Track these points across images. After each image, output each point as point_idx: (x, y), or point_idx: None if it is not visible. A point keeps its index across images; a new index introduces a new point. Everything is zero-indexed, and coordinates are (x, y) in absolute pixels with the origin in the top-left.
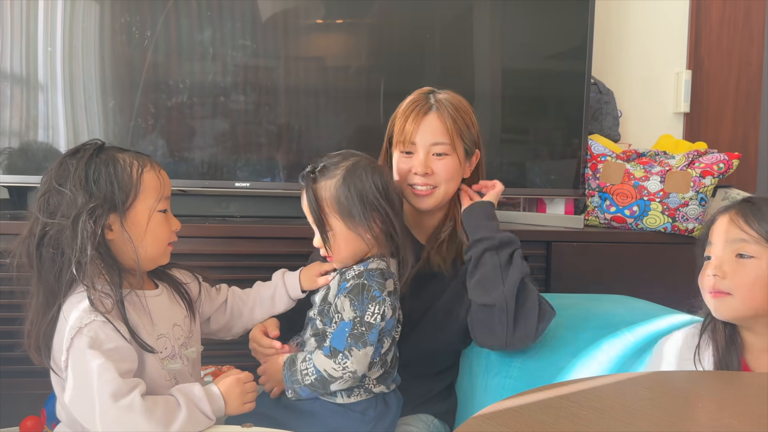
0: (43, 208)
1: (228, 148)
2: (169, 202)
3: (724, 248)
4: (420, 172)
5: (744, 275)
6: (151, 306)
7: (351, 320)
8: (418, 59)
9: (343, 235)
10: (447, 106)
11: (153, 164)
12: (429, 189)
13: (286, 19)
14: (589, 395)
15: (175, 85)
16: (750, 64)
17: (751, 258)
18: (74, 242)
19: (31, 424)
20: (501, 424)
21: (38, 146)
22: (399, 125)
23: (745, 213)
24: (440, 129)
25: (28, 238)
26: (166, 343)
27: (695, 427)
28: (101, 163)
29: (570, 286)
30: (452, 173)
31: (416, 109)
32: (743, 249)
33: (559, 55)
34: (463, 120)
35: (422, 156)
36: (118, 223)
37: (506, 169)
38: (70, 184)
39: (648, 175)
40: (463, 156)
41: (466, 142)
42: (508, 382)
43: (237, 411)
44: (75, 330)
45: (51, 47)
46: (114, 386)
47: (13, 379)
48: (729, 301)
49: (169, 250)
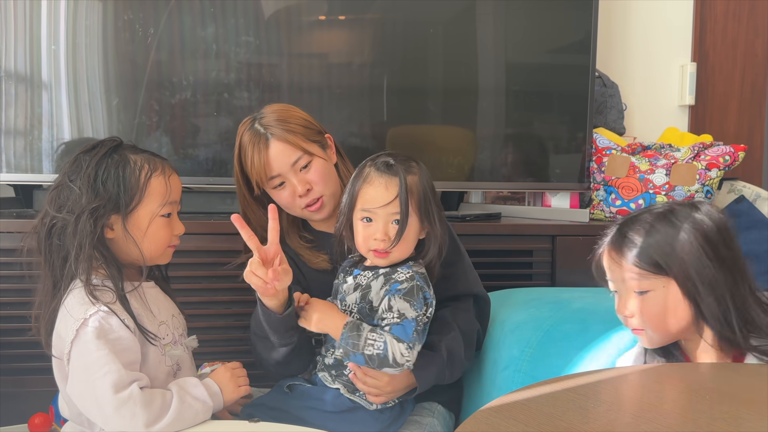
0: (54, 201)
1: (232, 144)
2: (175, 206)
3: (620, 288)
4: (302, 193)
5: (648, 311)
6: (149, 296)
7: (414, 318)
8: (421, 55)
9: (414, 231)
10: (276, 125)
11: (165, 169)
12: (318, 201)
13: (289, 16)
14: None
15: (179, 82)
16: (755, 56)
17: (647, 293)
18: (74, 239)
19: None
20: (509, 417)
21: (43, 145)
22: (250, 166)
23: (621, 251)
24: (287, 149)
25: (39, 227)
26: (166, 330)
27: (704, 419)
28: (112, 164)
29: (575, 279)
30: (327, 174)
31: (256, 145)
32: (637, 287)
33: (563, 48)
34: (297, 124)
35: (293, 179)
36: (119, 224)
37: (511, 164)
38: (80, 182)
39: (653, 168)
40: (321, 151)
41: (314, 139)
42: (518, 376)
43: (234, 393)
44: (80, 321)
45: (55, 45)
46: (116, 377)
47: (22, 377)
48: (647, 335)
49: (169, 251)
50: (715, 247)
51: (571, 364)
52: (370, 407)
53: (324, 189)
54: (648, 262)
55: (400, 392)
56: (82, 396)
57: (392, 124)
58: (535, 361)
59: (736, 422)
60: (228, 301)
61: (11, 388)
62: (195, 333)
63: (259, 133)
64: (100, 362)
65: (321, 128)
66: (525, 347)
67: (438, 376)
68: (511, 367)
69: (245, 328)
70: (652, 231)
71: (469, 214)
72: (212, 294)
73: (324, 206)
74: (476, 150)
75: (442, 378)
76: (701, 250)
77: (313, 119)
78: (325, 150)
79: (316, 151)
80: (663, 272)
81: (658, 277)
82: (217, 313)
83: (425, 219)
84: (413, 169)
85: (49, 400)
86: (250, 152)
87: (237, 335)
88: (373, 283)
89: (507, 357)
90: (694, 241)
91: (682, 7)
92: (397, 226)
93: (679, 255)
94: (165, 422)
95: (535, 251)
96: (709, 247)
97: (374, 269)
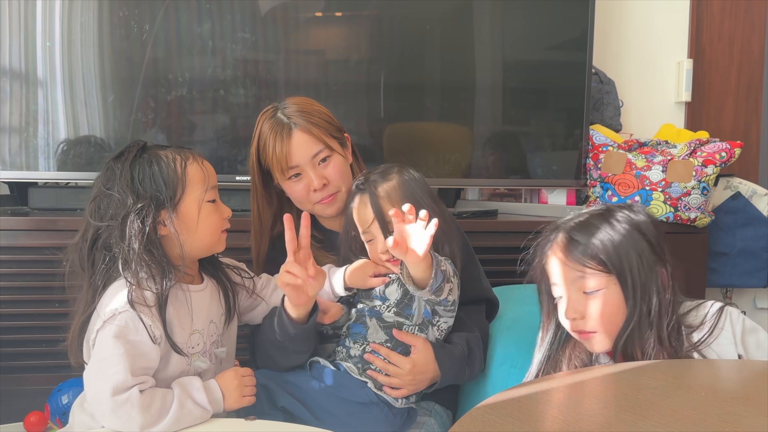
0: (94, 213)
1: (228, 141)
2: (216, 191)
3: (569, 289)
4: (318, 187)
5: (603, 311)
6: (195, 301)
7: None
8: (418, 51)
9: None
10: (300, 116)
11: (195, 156)
12: (331, 196)
13: (286, 12)
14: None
15: (175, 79)
16: (751, 53)
17: (597, 291)
18: (122, 241)
19: (35, 420)
20: (505, 414)
21: (38, 142)
22: (270, 155)
23: (569, 250)
24: (310, 140)
25: (81, 242)
26: (198, 339)
27: (699, 415)
28: (145, 163)
29: None
30: (343, 171)
31: (279, 134)
32: (586, 286)
33: (559, 45)
34: (320, 118)
35: (311, 172)
36: (170, 219)
37: (508, 160)
38: (118, 187)
39: (650, 164)
40: (341, 148)
41: (335, 135)
42: (515, 372)
43: (236, 403)
44: (110, 314)
45: (50, 42)
46: (120, 379)
47: (17, 375)
48: (597, 338)
49: (223, 237)
50: (652, 247)
51: None
52: (394, 403)
53: (339, 186)
54: (596, 261)
55: (422, 385)
56: (89, 385)
57: (389, 121)
58: (531, 357)
59: (730, 418)
60: None
61: (7, 387)
62: None
63: (282, 122)
64: (111, 360)
65: (341, 126)
66: (521, 344)
67: (459, 370)
68: (507, 363)
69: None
70: (595, 231)
71: (466, 211)
72: None
73: (336, 201)
74: (473, 147)
75: (462, 373)
76: (640, 249)
77: (330, 114)
78: (344, 148)
79: (336, 147)
80: (608, 270)
81: (607, 275)
82: None
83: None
84: (390, 175)
85: (44, 398)
86: (271, 141)
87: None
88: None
89: (503, 353)
90: (635, 241)
91: (679, 4)
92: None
93: (621, 253)
94: (161, 426)
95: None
96: (647, 246)
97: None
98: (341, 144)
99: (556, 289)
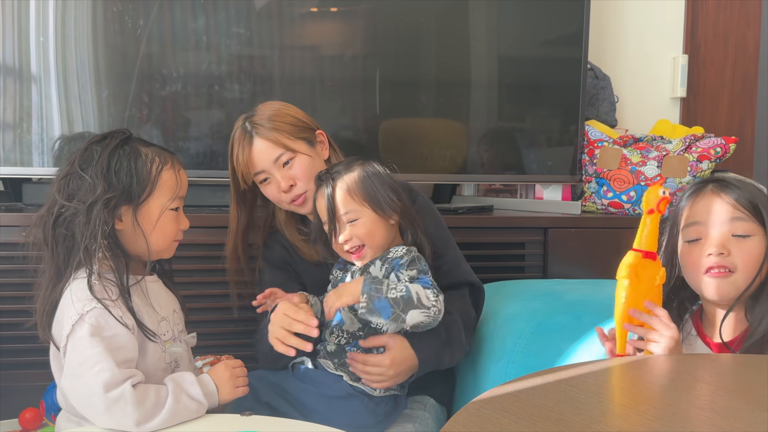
0: (63, 190)
1: (223, 137)
2: (182, 201)
3: (720, 228)
4: (285, 188)
5: (747, 253)
6: (151, 291)
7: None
8: (413, 46)
9: (375, 223)
10: (263, 123)
11: (174, 163)
12: (300, 197)
13: (281, 7)
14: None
15: (169, 74)
16: (746, 48)
17: (747, 237)
18: (86, 229)
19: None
20: (500, 409)
21: (32, 138)
22: (236, 163)
23: (730, 190)
24: (269, 146)
25: (46, 216)
26: (167, 326)
27: (693, 409)
28: (124, 155)
29: (568, 271)
30: (310, 171)
31: (241, 143)
32: (739, 229)
33: (555, 40)
34: (283, 122)
35: (277, 174)
36: (130, 215)
37: (503, 156)
38: (92, 171)
39: (645, 160)
40: (308, 148)
41: (301, 136)
42: (511, 368)
43: (230, 395)
44: (77, 317)
45: (43, 37)
46: (108, 376)
47: (12, 371)
48: (733, 278)
49: (174, 245)
50: None
51: (563, 355)
52: (373, 393)
53: (306, 185)
54: (753, 209)
55: (404, 376)
56: (75, 391)
57: (384, 117)
58: (527, 352)
59: (726, 412)
60: (219, 295)
61: (2, 383)
62: (187, 326)
63: (246, 131)
64: (93, 359)
65: (312, 125)
66: (518, 339)
67: (438, 353)
68: (504, 359)
69: (236, 321)
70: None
71: (462, 207)
72: (203, 287)
73: (307, 201)
74: (468, 143)
75: (442, 358)
76: None
77: (304, 116)
78: (314, 146)
79: (301, 148)
80: (761, 221)
81: (757, 226)
82: (208, 306)
83: (378, 208)
84: (353, 167)
85: (39, 394)
86: (236, 149)
87: (228, 328)
88: (371, 268)
89: (500, 349)
90: None
91: (674, 0)
92: (355, 223)
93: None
94: (157, 421)
95: (528, 243)
96: None
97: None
98: (309, 143)
99: (698, 229)
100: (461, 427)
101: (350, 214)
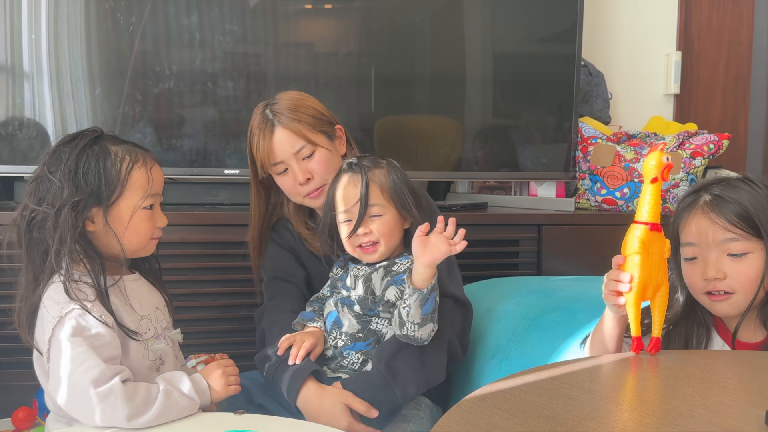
0: (33, 194)
1: (217, 135)
2: (158, 197)
3: (713, 250)
4: (302, 181)
5: (744, 274)
6: (131, 290)
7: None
8: (408, 43)
9: (395, 222)
10: (285, 113)
11: (147, 160)
12: (318, 190)
13: (275, 4)
14: (580, 376)
15: (163, 71)
16: (740, 45)
17: (744, 255)
18: (54, 233)
19: (23, 416)
20: (493, 406)
21: (25, 136)
22: (255, 151)
23: (721, 210)
24: (291, 137)
25: (19, 220)
26: (148, 324)
27: (685, 405)
28: (93, 156)
29: (562, 268)
30: (329, 164)
31: (262, 131)
32: (734, 248)
33: (549, 37)
34: (305, 114)
35: (295, 167)
36: (101, 217)
37: (497, 153)
38: (60, 174)
39: (638, 156)
40: (327, 142)
41: (322, 129)
42: (505, 364)
43: (222, 392)
44: (56, 320)
45: (35, 34)
46: (96, 372)
47: (5, 371)
48: (733, 299)
49: (153, 243)
50: None
51: (557, 352)
52: None
53: (323, 179)
54: (748, 223)
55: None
56: (64, 392)
57: (379, 114)
58: (522, 349)
59: (717, 408)
60: (212, 293)
61: None
62: (179, 325)
63: (267, 119)
64: (79, 359)
65: (332, 119)
66: (512, 336)
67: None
68: (498, 355)
69: (230, 319)
70: (743, 194)
71: (456, 204)
72: (196, 285)
73: (323, 194)
74: (463, 140)
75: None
76: None
77: (325, 109)
78: (333, 141)
79: (321, 141)
80: (758, 234)
81: (755, 240)
82: (202, 305)
83: (402, 208)
84: (380, 163)
85: (32, 394)
86: (256, 137)
87: (222, 327)
88: (373, 275)
89: (494, 346)
90: None
91: None
92: (377, 219)
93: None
94: (148, 417)
95: (522, 240)
96: None
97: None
98: (329, 137)
99: (694, 249)
100: (454, 425)
101: (377, 209)
